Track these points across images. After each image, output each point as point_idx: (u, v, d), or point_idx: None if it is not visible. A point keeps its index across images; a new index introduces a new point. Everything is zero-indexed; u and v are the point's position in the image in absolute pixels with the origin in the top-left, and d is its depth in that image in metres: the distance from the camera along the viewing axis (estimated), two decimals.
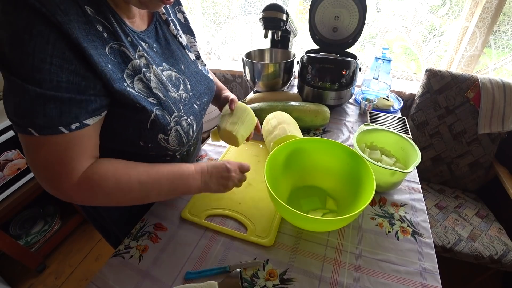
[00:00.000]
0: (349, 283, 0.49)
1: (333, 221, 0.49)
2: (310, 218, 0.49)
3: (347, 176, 0.63)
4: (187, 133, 0.53)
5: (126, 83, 0.43)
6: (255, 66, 1.03)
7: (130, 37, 0.45)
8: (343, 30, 0.98)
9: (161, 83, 0.49)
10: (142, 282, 0.50)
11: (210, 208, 0.63)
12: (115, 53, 0.42)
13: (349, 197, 0.61)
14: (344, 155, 0.63)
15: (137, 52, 0.46)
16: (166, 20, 0.56)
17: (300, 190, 0.68)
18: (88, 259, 1.42)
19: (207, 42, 1.73)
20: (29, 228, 1.36)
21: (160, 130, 0.48)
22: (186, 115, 0.53)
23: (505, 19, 1.14)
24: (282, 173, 0.64)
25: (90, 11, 0.39)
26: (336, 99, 0.98)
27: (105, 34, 0.41)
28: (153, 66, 0.48)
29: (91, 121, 0.41)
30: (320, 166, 0.67)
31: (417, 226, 0.60)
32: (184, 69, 0.58)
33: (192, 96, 0.57)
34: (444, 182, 1.26)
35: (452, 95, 1.15)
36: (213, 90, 0.66)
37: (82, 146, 0.41)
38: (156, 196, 0.50)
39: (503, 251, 0.95)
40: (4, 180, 1.09)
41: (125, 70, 0.43)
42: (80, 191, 0.42)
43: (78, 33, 0.36)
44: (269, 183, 0.53)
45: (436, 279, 0.50)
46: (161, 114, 0.48)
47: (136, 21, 0.50)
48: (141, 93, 0.45)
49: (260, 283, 0.50)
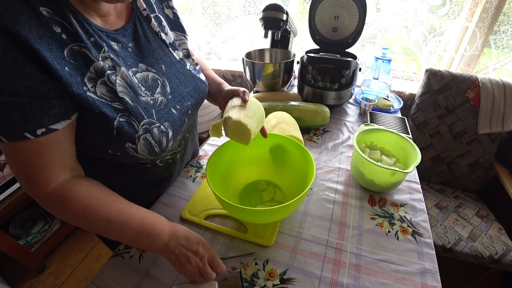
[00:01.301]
0: (349, 283, 0.49)
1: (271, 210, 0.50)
2: (247, 210, 0.51)
3: (293, 168, 0.65)
4: (159, 142, 0.49)
5: (87, 87, 0.41)
6: (255, 66, 1.03)
7: (94, 37, 0.43)
8: (343, 30, 0.98)
9: (129, 87, 0.46)
10: (142, 282, 0.50)
11: (210, 208, 0.63)
12: (75, 56, 0.40)
13: (297, 189, 0.60)
14: (290, 147, 0.64)
15: (101, 53, 0.43)
16: (147, 17, 0.53)
17: (252, 186, 0.70)
18: (88, 259, 1.42)
19: (207, 42, 1.73)
20: (29, 228, 1.36)
21: (127, 138, 0.45)
22: (159, 122, 0.49)
23: (505, 19, 1.14)
24: (231, 169, 0.66)
25: (47, 12, 0.37)
26: (336, 99, 0.98)
27: (64, 36, 0.39)
28: (120, 68, 0.45)
29: (59, 125, 0.39)
30: (268, 160, 0.69)
31: (417, 226, 0.60)
32: (165, 69, 0.54)
33: (171, 99, 0.53)
34: (444, 182, 1.26)
35: (452, 95, 1.15)
36: (204, 91, 0.62)
37: (53, 153, 0.40)
38: (116, 238, 0.47)
39: (503, 251, 0.95)
40: (4, 180, 1.10)
41: (87, 74, 0.41)
42: (50, 203, 0.42)
43: (29, 34, 0.34)
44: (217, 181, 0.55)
45: (436, 279, 0.50)
46: (126, 121, 0.44)
47: (111, 18, 0.47)
48: (104, 98, 0.42)
49: (260, 283, 0.50)
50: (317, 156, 0.81)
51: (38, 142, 0.38)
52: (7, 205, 1.10)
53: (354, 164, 0.69)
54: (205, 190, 0.69)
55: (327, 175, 0.74)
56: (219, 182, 0.60)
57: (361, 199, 0.66)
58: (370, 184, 0.67)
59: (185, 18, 1.64)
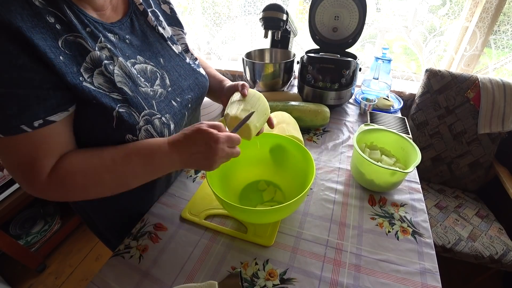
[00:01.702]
0: (349, 283, 0.49)
1: (271, 210, 0.50)
2: (248, 210, 0.50)
3: (293, 168, 0.64)
4: (161, 134, 0.48)
5: (83, 77, 0.40)
6: (255, 66, 1.03)
7: (90, 27, 0.42)
8: (343, 30, 0.98)
9: (128, 77, 0.45)
10: (142, 282, 0.50)
11: (210, 208, 0.63)
12: (70, 46, 0.39)
13: (297, 189, 0.60)
14: (290, 147, 0.64)
15: (98, 43, 0.42)
16: (144, 11, 0.53)
17: (252, 186, 0.70)
18: (88, 259, 1.42)
19: (207, 42, 1.73)
20: (29, 228, 1.36)
21: (127, 130, 0.44)
22: (160, 113, 0.48)
23: (505, 19, 1.14)
24: (231, 170, 0.65)
25: (40, 2, 0.36)
26: (336, 99, 0.98)
27: (58, 26, 0.38)
28: (118, 58, 0.44)
29: (57, 117, 0.38)
30: (268, 160, 0.69)
31: (417, 226, 0.60)
32: (164, 63, 0.54)
33: (170, 92, 0.52)
34: (444, 182, 1.26)
35: (452, 95, 1.15)
36: (204, 85, 0.61)
37: (51, 144, 0.39)
38: (133, 179, 0.45)
39: (503, 251, 0.95)
40: (4, 180, 1.10)
41: (83, 64, 0.40)
42: (53, 188, 0.41)
43: (21, 23, 0.33)
44: (217, 181, 0.55)
45: (436, 279, 0.50)
46: (127, 111, 0.43)
47: (107, 13, 0.47)
48: (102, 89, 0.41)
49: (260, 283, 0.50)
50: (317, 156, 0.81)
51: (35, 135, 0.37)
52: (7, 205, 1.10)
53: (354, 164, 0.69)
54: (205, 190, 0.69)
55: (327, 175, 0.74)
56: (219, 182, 0.60)
57: (361, 199, 0.66)
58: (370, 184, 0.67)
59: (185, 18, 1.64)
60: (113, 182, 0.44)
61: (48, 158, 0.40)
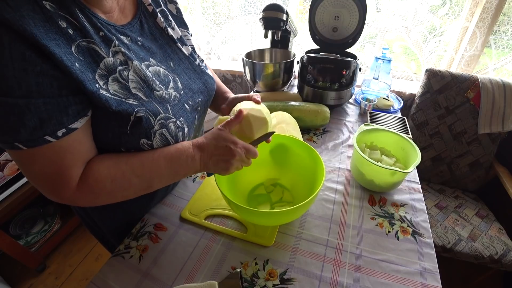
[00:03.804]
0: (349, 283, 0.49)
1: (278, 213, 0.50)
2: (256, 212, 0.50)
3: (301, 168, 0.64)
4: (176, 137, 0.48)
5: (99, 84, 0.39)
6: (255, 66, 1.02)
7: (103, 31, 0.41)
8: (343, 30, 0.98)
9: (143, 81, 0.44)
10: (142, 282, 0.50)
11: (210, 208, 0.63)
12: (83, 52, 0.38)
13: (304, 187, 0.61)
14: (297, 148, 0.64)
15: (112, 48, 0.41)
16: (153, 12, 0.51)
17: (258, 188, 0.69)
18: (88, 259, 1.42)
19: (207, 42, 1.73)
20: (29, 228, 1.37)
21: (142, 134, 0.44)
22: (175, 117, 0.48)
23: (505, 19, 1.14)
24: (237, 173, 0.65)
25: (50, 6, 0.35)
26: (336, 99, 0.98)
27: (71, 31, 0.37)
28: (133, 62, 0.43)
29: (78, 124, 0.38)
30: (271, 161, 0.69)
31: (417, 226, 0.60)
32: (174, 66, 0.53)
33: (183, 95, 0.52)
34: (444, 182, 1.26)
35: (452, 95, 1.15)
36: (212, 87, 0.61)
37: (75, 152, 0.39)
38: (158, 181, 0.47)
39: (503, 251, 0.95)
40: (4, 180, 1.09)
41: (97, 70, 0.39)
42: (82, 196, 0.41)
43: (35, 30, 0.32)
44: (227, 182, 0.54)
45: (436, 279, 0.50)
46: (144, 116, 0.43)
47: (115, 15, 0.46)
48: (118, 95, 0.41)
49: (260, 283, 0.50)
50: None
51: (59, 144, 0.36)
52: (7, 205, 1.10)
53: (354, 164, 0.69)
54: (205, 190, 0.69)
55: (327, 175, 0.74)
56: (227, 186, 0.60)
57: (361, 199, 0.66)
58: (370, 184, 0.67)
59: (185, 18, 1.63)
60: (140, 185, 0.46)
61: (75, 167, 0.40)
